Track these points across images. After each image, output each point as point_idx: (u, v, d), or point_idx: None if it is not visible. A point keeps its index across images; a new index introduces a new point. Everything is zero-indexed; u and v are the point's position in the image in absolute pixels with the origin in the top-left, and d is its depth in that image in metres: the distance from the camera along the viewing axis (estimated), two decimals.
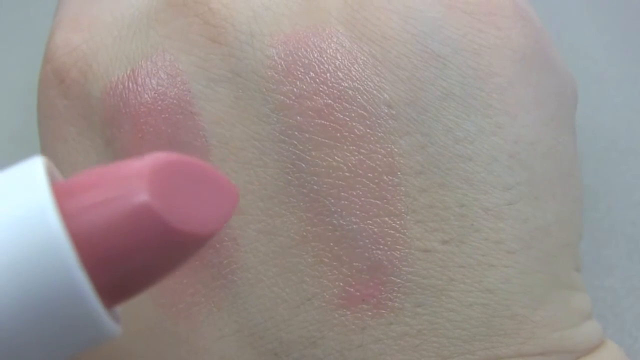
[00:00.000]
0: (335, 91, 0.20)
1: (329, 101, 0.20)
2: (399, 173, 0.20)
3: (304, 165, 0.20)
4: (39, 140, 0.23)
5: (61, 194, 0.14)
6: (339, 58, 0.21)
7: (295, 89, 0.20)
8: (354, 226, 0.20)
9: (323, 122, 0.20)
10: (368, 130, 0.20)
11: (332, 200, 0.20)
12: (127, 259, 0.14)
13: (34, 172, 0.14)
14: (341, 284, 0.20)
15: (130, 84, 0.21)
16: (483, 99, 0.21)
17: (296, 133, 0.20)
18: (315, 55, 0.21)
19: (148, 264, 0.14)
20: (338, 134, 0.20)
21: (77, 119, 0.22)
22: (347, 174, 0.20)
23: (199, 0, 0.21)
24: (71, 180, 0.15)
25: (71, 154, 0.22)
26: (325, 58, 0.21)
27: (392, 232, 0.20)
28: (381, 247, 0.20)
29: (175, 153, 0.15)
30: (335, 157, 0.20)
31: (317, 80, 0.20)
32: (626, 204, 0.31)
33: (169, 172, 0.14)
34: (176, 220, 0.14)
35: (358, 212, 0.20)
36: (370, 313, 0.20)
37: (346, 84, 0.20)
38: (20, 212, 0.14)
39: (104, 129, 0.21)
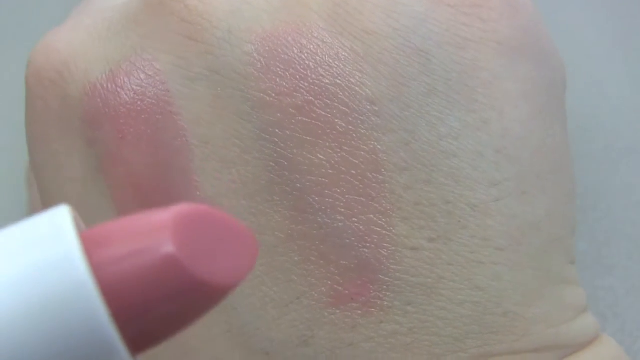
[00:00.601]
0: (316, 88, 0.20)
1: (310, 98, 0.20)
2: (383, 170, 0.20)
3: (286, 163, 0.20)
4: None
5: (88, 244, 0.14)
6: (320, 54, 0.20)
7: (275, 86, 0.20)
8: (340, 224, 0.20)
9: (304, 119, 0.20)
10: (350, 127, 0.20)
11: (316, 198, 0.20)
12: (153, 309, 0.14)
13: (60, 221, 0.14)
14: (329, 282, 0.20)
15: (109, 85, 0.21)
16: (468, 94, 0.21)
17: (277, 131, 0.20)
18: (296, 51, 0.20)
19: (173, 315, 0.15)
20: (320, 131, 0.20)
21: (57, 121, 0.22)
22: (330, 171, 0.20)
23: None
24: (96, 230, 0.15)
25: (54, 155, 0.22)
26: (306, 54, 0.20)
27: (379, 229, 0.20)
28: (368, 245, 0.20)
29: (198, 204, 0.15)
30: (318, 155, 0.20)
31: (297, 77, 0.20)
32: (626, 204, 0.31)
33: (193, 223, 0.15)
34: (201, 271, 0.14)
35: (343, 210, 0.20)
36: (360, 312, 0.20)
37: (327, 81, 0.20)
38: (49, 261, 0.14)
39: (85, 130, 0.21)
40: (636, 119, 0.32)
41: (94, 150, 0.21)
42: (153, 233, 0.14)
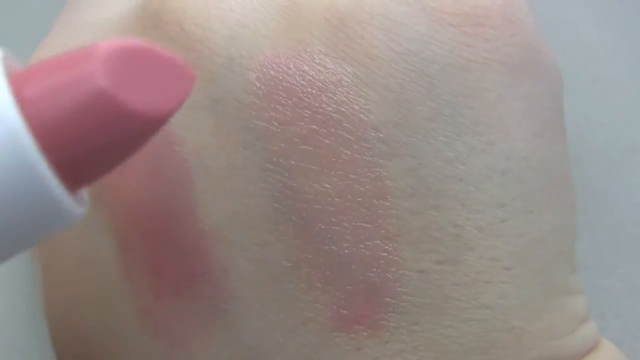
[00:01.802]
0: (319, 116, 0.20)
1: (314, 127, 0.20)
2: (389, 197, 0.20)
3: (291, 192, 0.20)
4: None
5: (18, 82, 0.14)
6: (322, 81, 0.20)
7: (278, 115, 0.20)
8: (346, 251, 0.20)
9: (308, 148, 0.20)
10: (356, 155, 0.20)
11: (323, 227, 0.20)
12: (85, 141, 0.14)
13: None
14: (335, 307, 0.20)
15: None
16: (473, 117, 0.20)
17: (281, 160, 0.20)
18: (297, 78, 0.20)
19: (106, 147, 0.15)
20: (325, 160, 0.20)
21: None
22: (336, 199, 0.20)
23: (170, 21, 0.21)
24: (28, 68, 0.15)
25: None
26: (308, 81, 0.20)
27: (385, 254, 0.20)
28: (374, 270, 0.20)
29: (131, 39, 0.15)
30: (323, 184, 0.20)
31: (300, 105, 0.20)
32: (626, 204, 0.31)
33: (124, 56, 0.15)
34: (132, 102, 0.14)
35: (349, 237, 0.20)
36: (365, 333, 0.20)
37: (330, 108, 0.20)
38: None
39: None
40: (636, 119, 0.32)
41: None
42: (83, 66, 0.14)
